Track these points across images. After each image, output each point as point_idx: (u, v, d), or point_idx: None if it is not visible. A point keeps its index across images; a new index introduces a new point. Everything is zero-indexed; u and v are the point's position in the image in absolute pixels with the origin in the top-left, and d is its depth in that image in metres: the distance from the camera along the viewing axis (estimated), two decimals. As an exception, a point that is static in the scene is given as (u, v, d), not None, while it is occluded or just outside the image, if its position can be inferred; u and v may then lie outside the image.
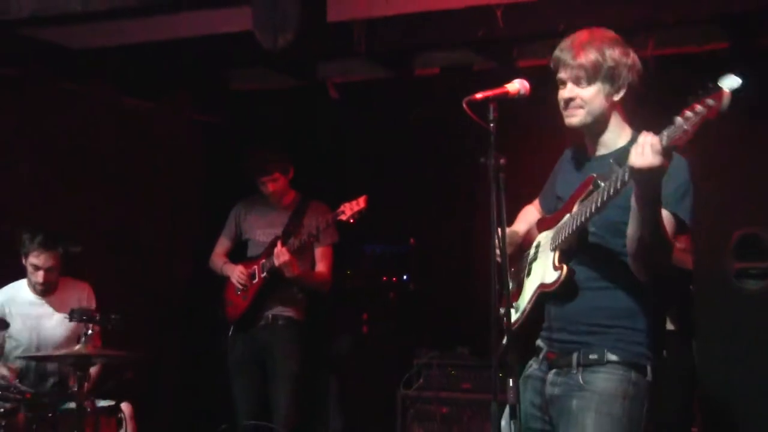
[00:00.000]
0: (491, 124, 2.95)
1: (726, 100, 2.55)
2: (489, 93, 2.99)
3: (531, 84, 3.14)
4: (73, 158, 6.34)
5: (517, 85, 3.10)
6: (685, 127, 2.59)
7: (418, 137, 6.68)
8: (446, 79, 6.16)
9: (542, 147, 3.90)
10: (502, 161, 2.93)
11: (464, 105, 2.95)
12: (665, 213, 2.93)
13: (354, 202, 5.35)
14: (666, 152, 2.68)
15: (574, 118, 3.15)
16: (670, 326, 4.86)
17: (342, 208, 5.38)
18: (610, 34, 3.16)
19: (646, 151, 2.69)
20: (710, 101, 2.55)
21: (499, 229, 2.99)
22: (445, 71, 6.19)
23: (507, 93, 3.06)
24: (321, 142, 6.97)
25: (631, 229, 2.94)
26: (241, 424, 5.70)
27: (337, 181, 6.29)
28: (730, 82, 2.55)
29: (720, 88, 2.56)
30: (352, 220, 5.37)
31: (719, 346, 4.85)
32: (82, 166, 6.38)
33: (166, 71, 6.58)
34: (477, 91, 2.99)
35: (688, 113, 2.59)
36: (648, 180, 2.74)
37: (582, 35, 3.16)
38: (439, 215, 6.83)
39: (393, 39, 5.71)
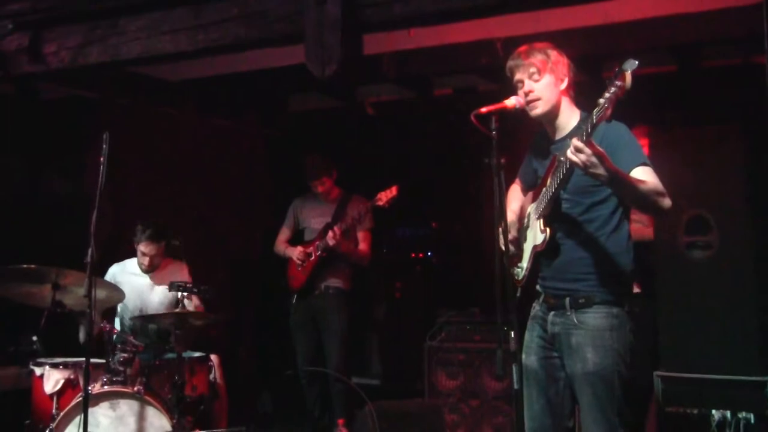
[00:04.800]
0: (493, 132, 2.95)
1: (628, 79, 2.61)
2: (491, 107, 3.00)
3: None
4: (171, 165, 6.45)
5: (513, 101, 3.12)
6: (606, 105, 2.68)
7: (437, 143, 6.71)
8: (458, 99, 6.18)
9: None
10: (502, 161, 2.93)
11: (472, 117, 2.95)
12: (639, 169, 2.99)
13: (388, 191, 5.42)
14: (587, 143, 2.75)
15: (537, 109, 3.18)
16: (636, 289, 4.90)
17: (379, 196, 5.44)
18: (545, 43, 3.23)
19: (573, 152, 2.78)
20: (618, 83, 2.64)
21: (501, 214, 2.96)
22: (457, 92, 6.20)
23: (505, 107, 3.07)
24: (361, 150, 7.01)
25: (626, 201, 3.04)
26: (301, 370, 5.75)
27: (374, 180, 6.35)
28: (630, 65, 2.62)
29: (623, 71, 2.62)
30: (387, 205, 5.41)
31: (674, 303, 4.88)
32: (178, 171, 6.48)
33: (239, 96, 6.63)
34: (482, 107, 2.99)
35: (606, 94, 2.67)
36: (589, 167, 2.80)
37: (524, 47, 3.21)
38: (454, 204, 6.85)
39: (415, 67, 5.71)
